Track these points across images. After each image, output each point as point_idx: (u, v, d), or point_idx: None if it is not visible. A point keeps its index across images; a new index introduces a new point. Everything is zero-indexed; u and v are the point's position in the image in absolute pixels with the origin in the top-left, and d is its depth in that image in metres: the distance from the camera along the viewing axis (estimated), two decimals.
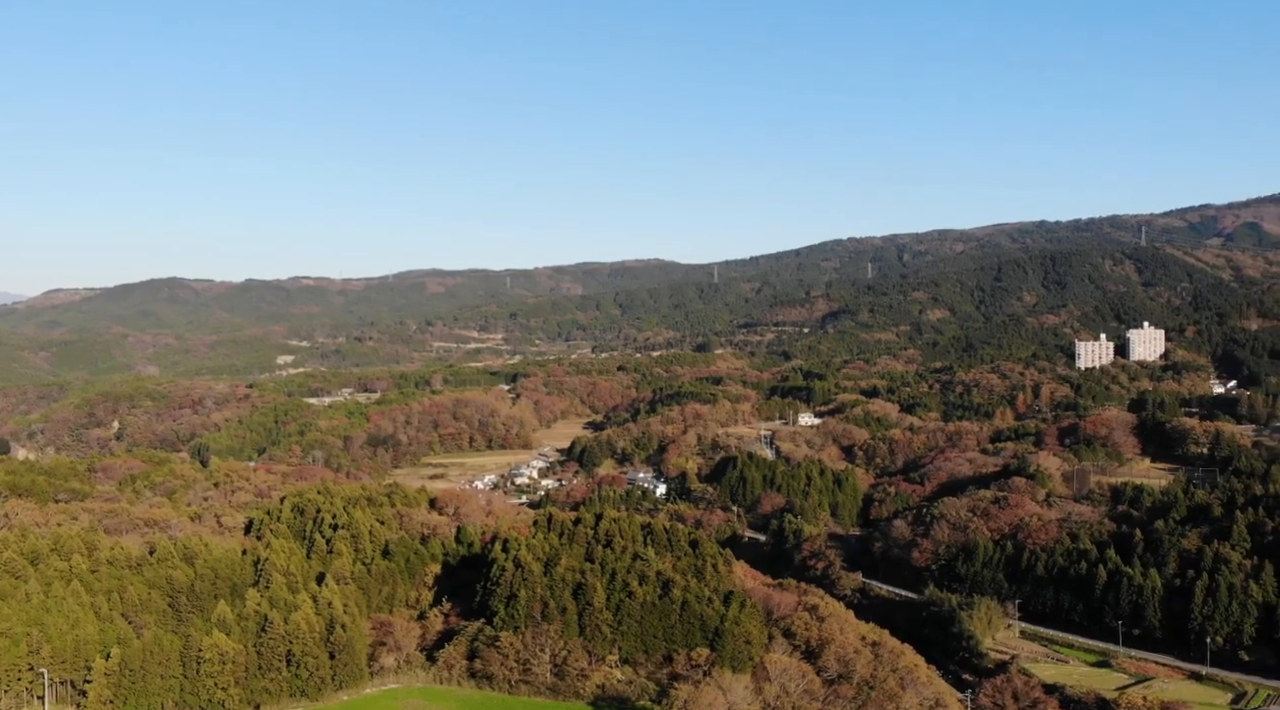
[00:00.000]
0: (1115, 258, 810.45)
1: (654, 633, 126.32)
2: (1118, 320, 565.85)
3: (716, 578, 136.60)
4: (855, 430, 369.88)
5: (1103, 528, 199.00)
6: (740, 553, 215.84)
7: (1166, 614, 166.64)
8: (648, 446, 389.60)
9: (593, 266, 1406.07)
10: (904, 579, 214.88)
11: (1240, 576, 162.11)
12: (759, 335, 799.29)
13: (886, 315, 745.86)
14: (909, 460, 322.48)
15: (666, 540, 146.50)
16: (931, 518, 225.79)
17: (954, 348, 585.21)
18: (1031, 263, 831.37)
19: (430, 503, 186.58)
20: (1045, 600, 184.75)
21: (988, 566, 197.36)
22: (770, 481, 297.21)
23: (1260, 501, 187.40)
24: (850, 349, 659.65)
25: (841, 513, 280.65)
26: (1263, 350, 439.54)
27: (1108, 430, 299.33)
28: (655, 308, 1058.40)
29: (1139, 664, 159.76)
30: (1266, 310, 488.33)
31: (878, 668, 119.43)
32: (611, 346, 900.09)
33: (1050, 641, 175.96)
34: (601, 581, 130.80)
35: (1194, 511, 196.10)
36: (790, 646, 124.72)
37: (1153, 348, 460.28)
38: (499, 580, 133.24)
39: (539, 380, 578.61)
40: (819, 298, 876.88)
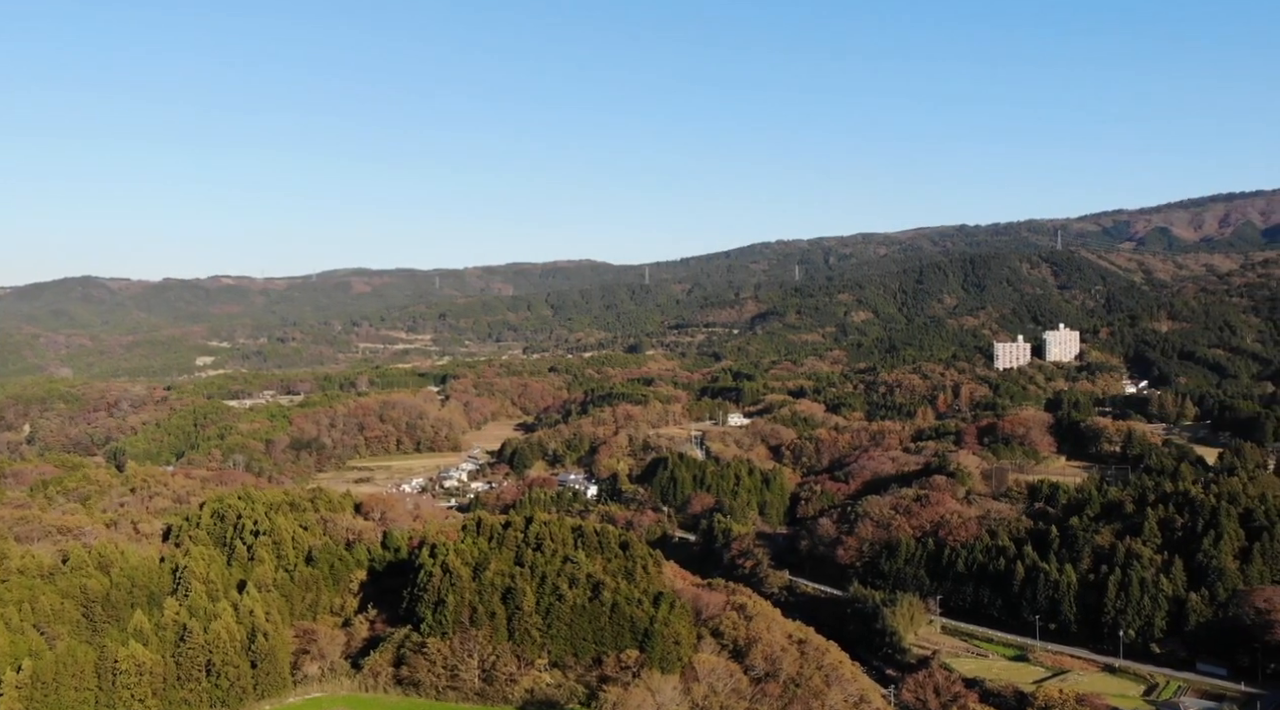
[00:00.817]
0: (1032, 261, 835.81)
1: (584, 635, 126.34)
2: (1034, 322, 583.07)
3: (647, 579, 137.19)
4: (783, 430, 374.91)
5: (1020, 525, 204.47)
6: (670, 553, 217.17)
7: (1081, 608, 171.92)
8: (579, 448, 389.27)
9: (524, 267, 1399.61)
10: (830, 576, 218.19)
11: (1151, 571, 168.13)
12: (690, 336, 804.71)
13: (813, 317, 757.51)
14: (834, 459, 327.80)
15: (597, 542, 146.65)
16: (856, 516, 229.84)
17: (878, 349, 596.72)
18: (952, 266, 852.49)
19: (356, 507, 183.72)
20: (965, 596, 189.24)
21: (910, 563, 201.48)
22: (700, 481, 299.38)
23: (1170, 498, 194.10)
24: (778, 350, 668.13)
25: (770, 512, 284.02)
26: (1172, 351, 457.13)
27: (1025, 429, 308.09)
28: (587, 308, 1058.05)
29: (1055, 657, 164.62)
30: (1176, 312, 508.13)
31: (804, 665, 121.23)
32: (543, 347, 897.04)
33: (970, 636, 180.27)
34: (531, 585, 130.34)
35: (1107, 508, 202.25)
36: (719, 646, 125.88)
37: (1068, 349, 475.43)
38: (426, 586, 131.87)
39: (469, 382, 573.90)
40: (748, 299, 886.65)
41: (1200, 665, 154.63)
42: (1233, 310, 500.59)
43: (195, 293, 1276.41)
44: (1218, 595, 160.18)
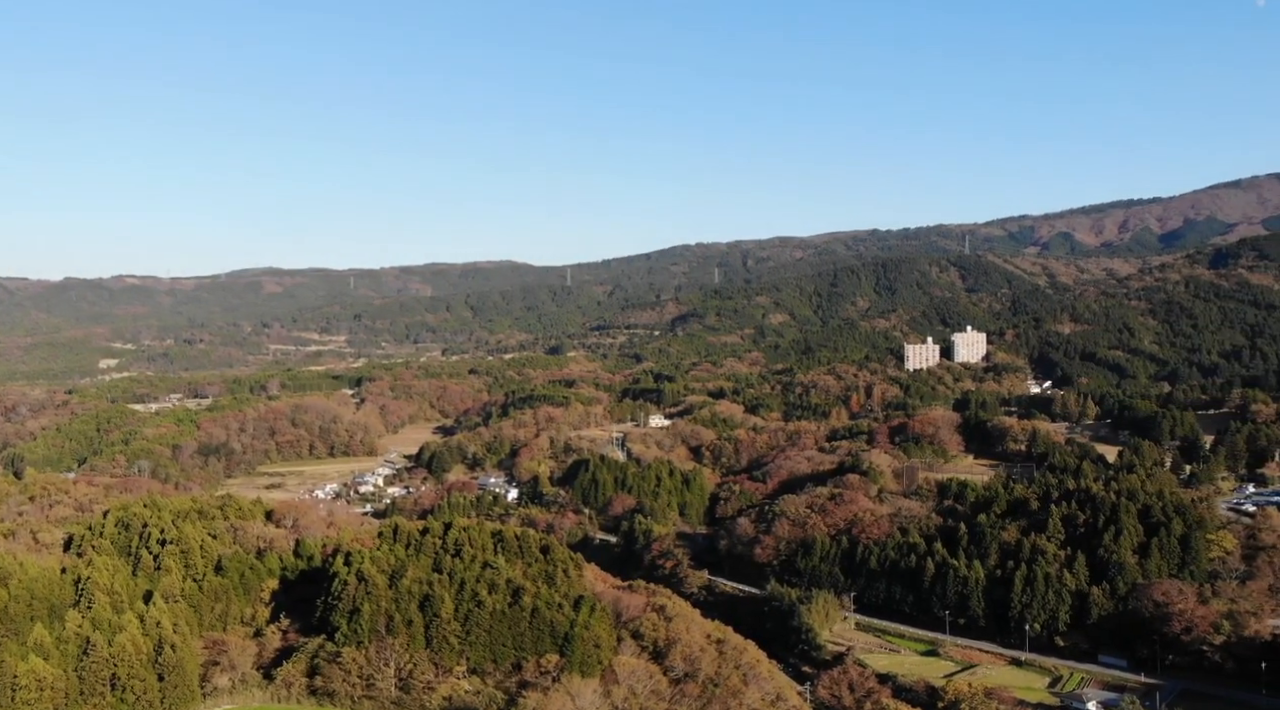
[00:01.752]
0: (941, 265, 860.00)
1: (503, 641, 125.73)
2: (943, 324, 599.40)
3: (567, 583, 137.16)
4: (703, 431, 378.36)
5: (930, 522, 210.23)
6: (591, 555, 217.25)
7: (989, 603, 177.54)
8: (500, 450, 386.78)
9: (442, 267, 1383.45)
10: (748, 575, 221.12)
11: (1055, 566, 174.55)
12: (611, 338, 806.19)
13: (732, 319, 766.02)
14: (753, 459, 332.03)
15: (518, 547, 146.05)
16: (773, 515, 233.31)
17: (794, 350, 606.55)
18: (865, 269, 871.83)
19: (267, 515, 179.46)
20: (878, 592, 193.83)
21: (825, 561, 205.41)
22: (622, 483, 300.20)
23: (1073, 496, 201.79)
24: (698, 351, 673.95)
25: (690, 512, 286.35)
26: (1075, 353, 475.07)
27: (934, 429, 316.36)
28: (508, 310, 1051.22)
29: (965, 651, 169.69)
30: (1078, 315, 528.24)
31: (722, 665, 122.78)
32: (463, 349, 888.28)
33: (883, 632, 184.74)
34: (450, 592, 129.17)
35: (1013, 506, 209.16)
36: (639, 648, 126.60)
37: (975, 350, 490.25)
38: (341, 594, 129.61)
39: (385, 384, 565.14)
40: (669, 301, 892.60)
41: (1102, 657, 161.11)
42: (1131, 313, 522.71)
43: (98, 293, 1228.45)
44: (1118, 589, 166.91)
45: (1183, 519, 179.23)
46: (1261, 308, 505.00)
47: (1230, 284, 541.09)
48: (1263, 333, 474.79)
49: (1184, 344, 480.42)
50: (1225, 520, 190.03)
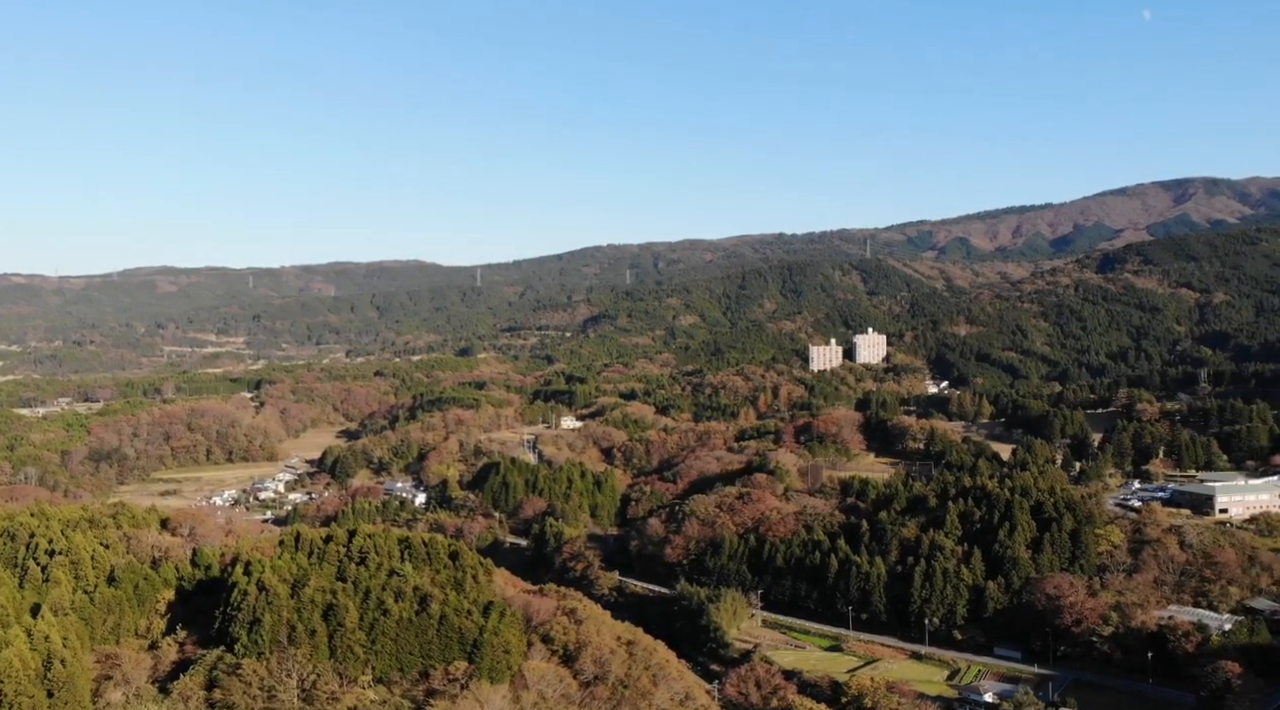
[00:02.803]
0: (844, 269, 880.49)
1: (410, 649, 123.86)
2: (846, 326, 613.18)
3: (477, 589, 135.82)
4: (614, 432, 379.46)
5: (834, 520, 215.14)
6: (502, 559, 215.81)
7: (891, 598, 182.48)
8: (407, 454, 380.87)
9: (347, 266, 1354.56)
10: (659, 575, 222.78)
11: (953, 562, 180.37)
12: (522, 339, 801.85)
13: (643, 320, 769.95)
14: (664, 460, 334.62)
15: (425, 553, 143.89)
16: (683, 515, 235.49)
17: (704, 351, 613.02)
18: (772, 272, 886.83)
19: (162, 523, 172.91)
20: (785, 589, 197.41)
21: (733, 559, 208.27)
22: (533, 486, 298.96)
23: (969, 493, 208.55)
24: (610, 352, 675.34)
25: (601, 513, 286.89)
26: (970, 354, 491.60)
27: (838, 428, 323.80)
28: (415, 310, 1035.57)
29: (867, 646, 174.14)
30: (974, 317, 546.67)
31: (632, 666, 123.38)
32: (368, 350, 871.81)
33: (789, 629, 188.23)
34: (355, 601, 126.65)
35: (913, 503, 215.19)
36: (549, 652, 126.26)
37: (876, 351, 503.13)
38: (241, 605, 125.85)
39: (286, 387, 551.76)
40: (581, 302, 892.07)
41: (998, 650, 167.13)
42: (1024, 315, 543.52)
43: None
44: (1013, 583, 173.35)
45: (1073, 515, 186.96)
46: (1146, 310, 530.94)
47: (1117, 288, 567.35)
48: (1147, 334, 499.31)
49: (1074, 345, 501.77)
50: (1113, 515, 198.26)
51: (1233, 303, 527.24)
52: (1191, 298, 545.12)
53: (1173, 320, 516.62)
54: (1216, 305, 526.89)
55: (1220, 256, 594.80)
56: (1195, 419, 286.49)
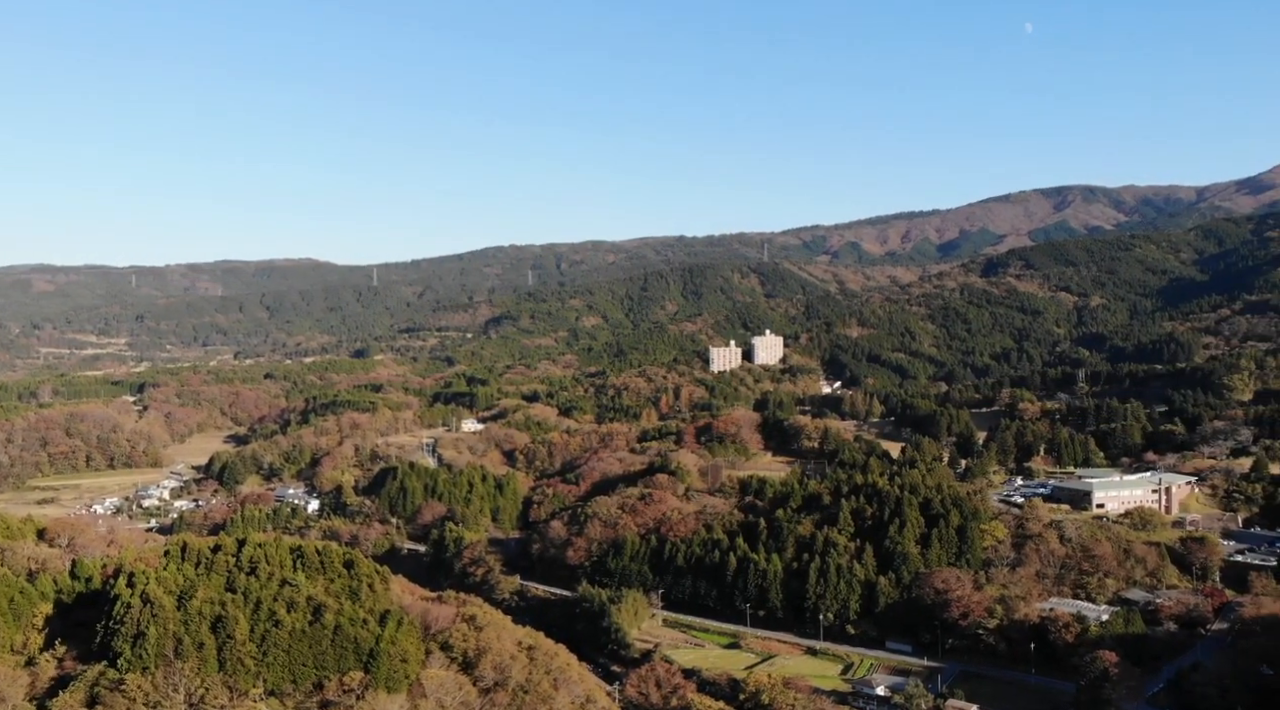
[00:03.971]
0: (743, 271, 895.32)
1: (304, 661, 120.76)
2: (745, 328, 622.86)
3: (373, 597, 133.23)
4: (517, 434, 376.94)
5: (733, 518, 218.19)
6: (399, 566, 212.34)
7: (787, 595, 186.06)
8: (299, 460, 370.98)
9: (235, 265, 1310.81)
10: (561, 578, 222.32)
11: (846, 558, 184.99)
12: (421, 340, 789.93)
13: (546, 321, 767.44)
14: (566, 462, 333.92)
15: (319, 562, 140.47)
16: (585, 517, 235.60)
17: (607, 353, 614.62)
18: (673, 275, 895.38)
19: (39, 533, 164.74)
20: (685, 588, 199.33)
21: (635, 560, 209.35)
22: (432, 490, 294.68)
23: (861, 490, 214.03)
24: (512, 354, 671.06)
25: (503, 517, 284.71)
26: (862, 355, 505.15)
27: (737, 428, 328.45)
28: (308, 311, 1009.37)
29: (764, 643, 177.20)
30: (865, 320, 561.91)
31: (533, 671, 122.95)
32: (258, 352, 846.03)
33: (689, 627, 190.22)
34: (245, 612, 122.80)
35: (808, 501, 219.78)
36: (448, 660, 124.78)
37: (774, 353, 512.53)
38: (124, 618, 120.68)
39: (171, 390, 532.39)
40: (482, 303, 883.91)
41: (889, 643, 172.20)
42: (913, 318, 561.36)
43: None
44: (903, 578, 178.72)
45: (959, 511, 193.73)
46: (1028, 313, 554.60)
47: (1000, 291, 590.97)
48: (1029, 336, 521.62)
49: (959, 347, 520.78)
50: (997, 511, 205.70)
51: (1108, 306, 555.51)
52: (1070, 301, 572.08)
53: (1053, 323, 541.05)
54: (1093, 308, 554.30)
55: (1097, 261, 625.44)
56: (1074, 418, 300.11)
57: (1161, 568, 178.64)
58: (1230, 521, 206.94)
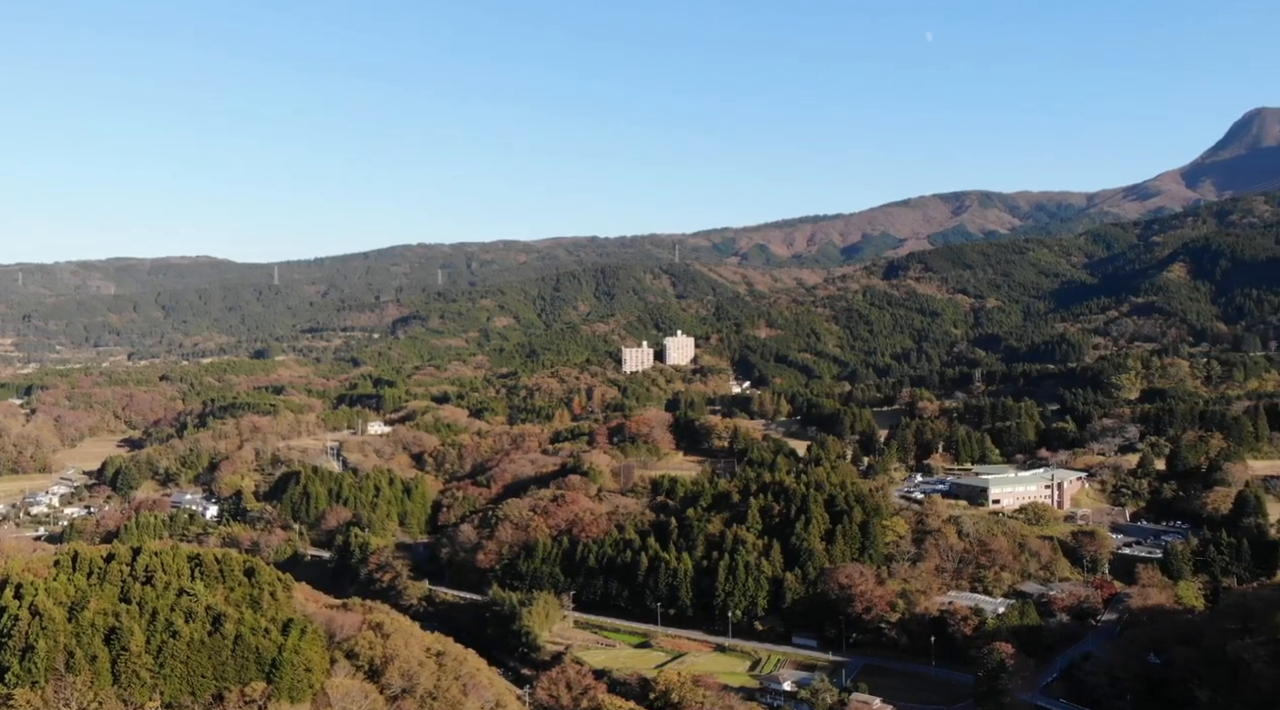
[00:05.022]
0: (655, 272, 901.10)
1: (202, 672, 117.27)
2: (657, 329, 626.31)
3: (275, 606, 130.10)
4: (426, 437, 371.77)
5: (645, 518, 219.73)
6: (303, 573, 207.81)
7: (697, 593, 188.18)
8: (197, 464, 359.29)
9: (129, 262, 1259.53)
10: (471, 582, 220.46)
11: (754, 555, 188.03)
12: (325, 341, 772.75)
13: (456, 321, 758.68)
14: (477, 464, 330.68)
15: (219, 571, 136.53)
16: (496, 519, 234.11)
17: (519, 353, 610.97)
18: (585, 275, 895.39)
19: None
20: (597, 589, 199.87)
21: (546, 562, 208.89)
22: (336, 495, 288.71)
23: (769, 488, 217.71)
24: (421, 355, 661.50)
25: (411, 521, 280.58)
26: (770, 355, 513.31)
27: (649, 428, 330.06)
28: (206, 310, 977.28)
29: (675, 641, 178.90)
30: (773, 321, 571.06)
31: (441, 677, 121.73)
32: (153, 353, 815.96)
33: (601, 628, 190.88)
34: (140, 623, 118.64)
35: (718, 499, 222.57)
36: (354, 668, 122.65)
37: (685, 353, 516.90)
38: (11, 631, 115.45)
39: (61, 392, 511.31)
40: (390, 303, 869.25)
41: (796, 639, 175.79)
42: (818, 319, 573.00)
43: None
44: (809, 574, 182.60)
45: (862, 507, 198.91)
46: (927, 314, 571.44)
47: (901, 293, 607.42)
48: (928, 337, 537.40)
49: (862, 347, 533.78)
50: (898, 507, 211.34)
51: (1003, 308, 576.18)
52: (967, 303, 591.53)
53: (950, 324, 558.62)
54: (989, 310, 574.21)
55: (993, 265, 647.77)
56: (971, 416, 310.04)
57: (1054, 561, 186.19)
58: (1119, 516, 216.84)
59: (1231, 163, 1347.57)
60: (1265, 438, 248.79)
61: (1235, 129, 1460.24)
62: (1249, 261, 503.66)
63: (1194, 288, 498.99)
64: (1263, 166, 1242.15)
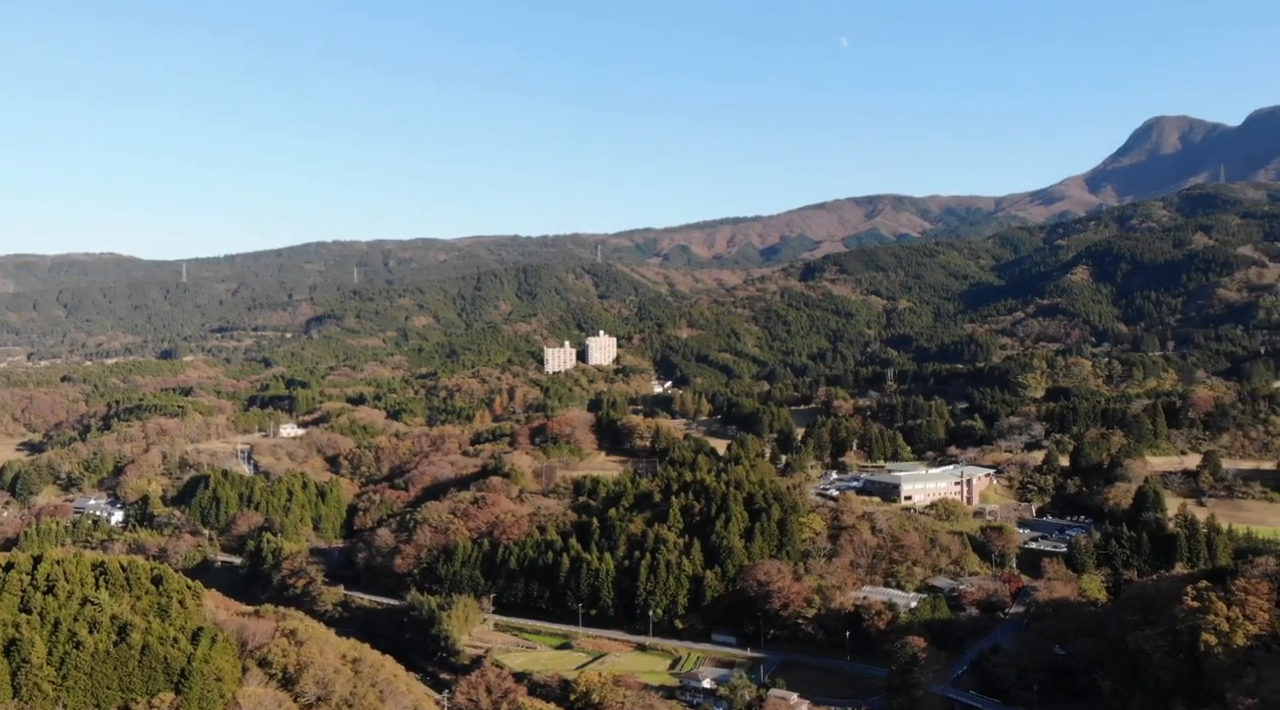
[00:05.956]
0: (577, 272, 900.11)
1: (108, 684, 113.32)
2: (579, 328, 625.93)
3: (184, 614, 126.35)
4: (341, 439, 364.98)
5: (567, 519, 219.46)
6: (213, 580, 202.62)
7: (619, 593, 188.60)
8: (101, 469, 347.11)
9: (29, 259, 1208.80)
10: (388, 586, 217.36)
11: (675, 554, 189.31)
12: (236, 340, 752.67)
13: (374, 321, 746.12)
14: (395, 467, 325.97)
15: (124, 578, 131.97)
16: (415, 523, 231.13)
17: (439, 354, 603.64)
18: (507, 274, 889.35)
19: None
20: (518, 591, 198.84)
21: (466, 565, 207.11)
22: (248, 499, 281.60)
23: (690, 487, 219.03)
24: (336, 355, 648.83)
25: (325, 526, 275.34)
26: (692, 355, 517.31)
27: (571, 428, 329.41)
28: (110, 309, 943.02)
29: (595, 641, 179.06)
30: (694, 321, 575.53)
31: (358, 684, 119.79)
32: (54, 353, 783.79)
33: (521, 630, 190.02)
34: (42, 635, 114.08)
35: (640, 499, 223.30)
36: (267, 676, 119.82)
37: (607, 353, 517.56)
38: None
39: None
40: (303, 301, 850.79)
41: (716, 636, 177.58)
42: (738, 320, 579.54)
43: None
44: (728, 572, 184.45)
45: (780, 505, 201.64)
46: (842, 315, 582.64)
47: (817, 295, 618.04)
48: (843, 337, 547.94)
49: (780, 347, 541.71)
50: (815, 504, 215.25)
51: (915, 309, 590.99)
52: (880, 304, 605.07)
53: (864, 325, 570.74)
54: (901, 311, 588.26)
55: (904, 267, 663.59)
56: (883, 414, 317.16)
57: (964, 556, 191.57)
58: (1025, 511, 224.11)
59: (1132, 169, 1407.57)
60: (1163, 435, 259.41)
61: (1135, 136, 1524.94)
62: (1148, 265, 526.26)
63: (1096, 290, 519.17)
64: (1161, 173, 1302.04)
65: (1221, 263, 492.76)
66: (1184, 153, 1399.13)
